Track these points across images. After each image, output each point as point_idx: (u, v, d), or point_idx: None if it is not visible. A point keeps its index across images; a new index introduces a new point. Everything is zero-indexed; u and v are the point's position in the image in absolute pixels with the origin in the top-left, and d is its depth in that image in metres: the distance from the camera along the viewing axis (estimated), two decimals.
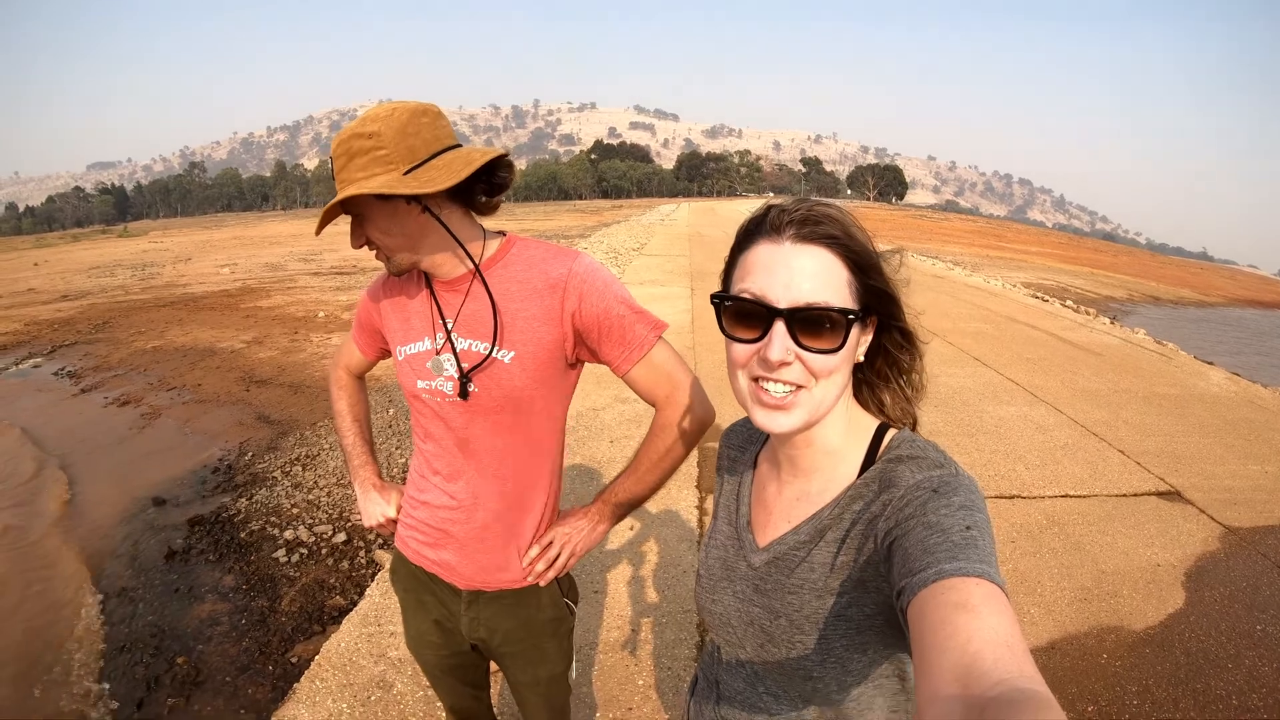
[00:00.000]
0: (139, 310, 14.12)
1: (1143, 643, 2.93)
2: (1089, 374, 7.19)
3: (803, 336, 0.77)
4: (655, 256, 17.73)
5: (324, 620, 3.76)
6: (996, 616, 0.58)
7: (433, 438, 1.40)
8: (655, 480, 1.42)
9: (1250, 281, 54.58)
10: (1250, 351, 18.14)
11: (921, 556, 0.67)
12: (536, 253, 1.34)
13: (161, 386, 8.60)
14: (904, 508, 0.75)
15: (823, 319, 0.76)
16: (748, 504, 0.99)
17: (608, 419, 5.18)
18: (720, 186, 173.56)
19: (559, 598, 1.49)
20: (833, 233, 0.77)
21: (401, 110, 1.19)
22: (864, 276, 0.79)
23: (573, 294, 1.28)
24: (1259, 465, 4.86)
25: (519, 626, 1.45)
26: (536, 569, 1.41)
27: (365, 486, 1.59)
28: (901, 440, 0.85)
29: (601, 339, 1.31)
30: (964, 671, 0.54)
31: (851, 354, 0.81)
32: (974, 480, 0.77)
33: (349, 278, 18.06)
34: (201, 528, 4.90)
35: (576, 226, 36.84)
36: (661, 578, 3.26)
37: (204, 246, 35.63)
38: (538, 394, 1.34)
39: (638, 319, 1.32)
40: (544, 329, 1.29)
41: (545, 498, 1.44)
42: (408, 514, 1.50)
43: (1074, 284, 26.44)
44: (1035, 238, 63.03)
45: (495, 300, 1.30)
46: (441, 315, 1.33)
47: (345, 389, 1.66)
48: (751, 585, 0.92)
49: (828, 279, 0.77)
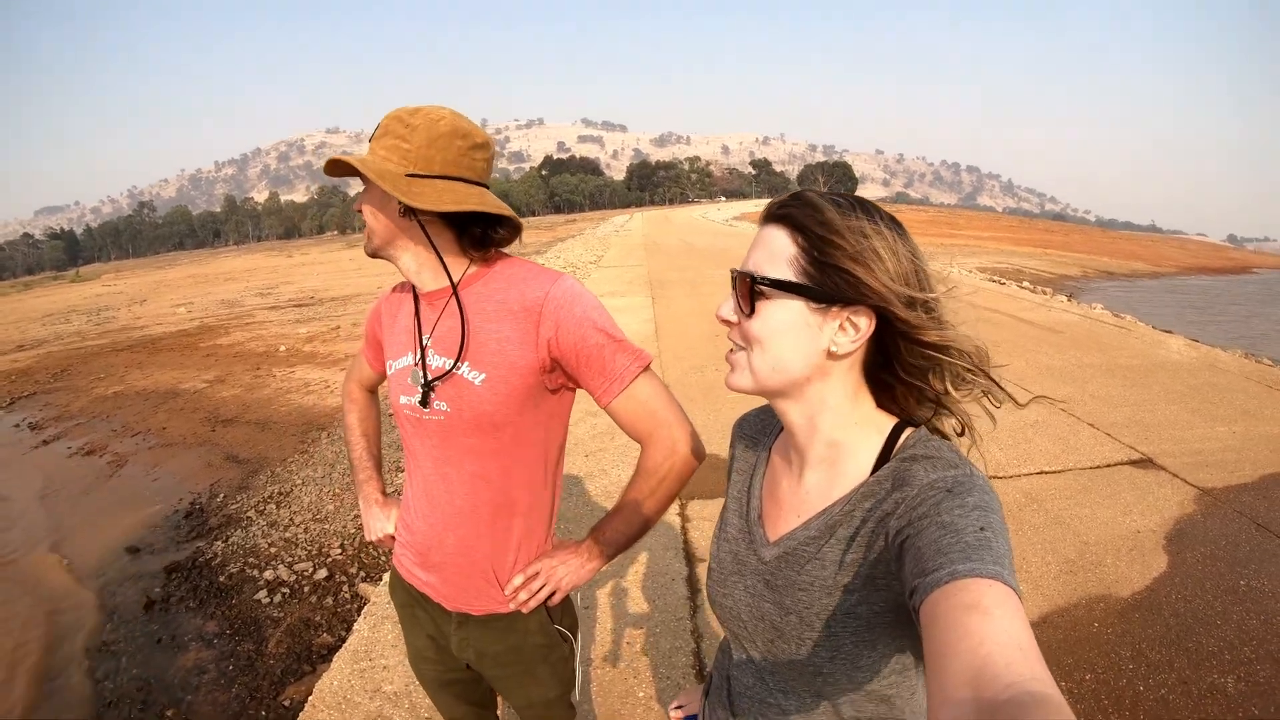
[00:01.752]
0: (97, 356, 13.79)
1: (1131, 608, 2.98)
2: (1051, 352, 7.33)
3: (739, 300, 0.85)
4: (613, 268, 17.76)
5: (313, 659, 3.68)
6: (1009, 619, 0.58)
7: (414, 456, 1.39)
8: (643, 521, 1.35)
9: (1200, 249, 56.22)
10: (1205, 318, 18.70)
11: (934, 557, 0.67)
12: (519, 271, 1.30)
13: (126, 432, 8.40)
14: (917, 507, 0.74)
15: (744, 285, 0.83)
16: (759, 497, 0.98)
17: (580, 433, 5.16)
18: (672, 194, 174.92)
19: (548, 625, 1.43)
20: (788, 211, 0.82)
21: (449, 123, 1.22)
22: (816, 254, 0.79)
23: (549, 320, 1.23)
24: (1226, 426, 4.99)
25: (507, 650, 1.42)
26: (519, 598, 1.36)
27: (368, 501, 1.58)
28: (917, 439, 0.84)
29: (580, 369, 1.26)
30: (975, 674, 0.54)
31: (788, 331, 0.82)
32: (989, 482, 0.77)
33: (307, 309, 17.82)
34: (179, 574, 4.78)
35: (531, 243, 36.78)
36: (651, 587, 3.24)
37: (158, 287, 34.91)
38: (513, 418, 1.28)
39: (618, 350, 1.26)
40: (517, 352, 1.24)
41: (535, 525, 1.39)
42: (401, 532, 1.49)
43: (1029, 265, 27.02)
44: (987, 223, 64.33)
45: (468, 318, 1.27)
46: (419, 330, 1.33)
47: (355, 403, 1.67)
48: (762, 580, 0.92)
49: (772, 253, 0.82)
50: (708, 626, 2.93)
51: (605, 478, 4.42)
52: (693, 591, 3.18)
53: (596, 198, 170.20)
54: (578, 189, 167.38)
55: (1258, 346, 11.19)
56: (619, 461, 4.63)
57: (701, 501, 4.01)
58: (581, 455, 4.80)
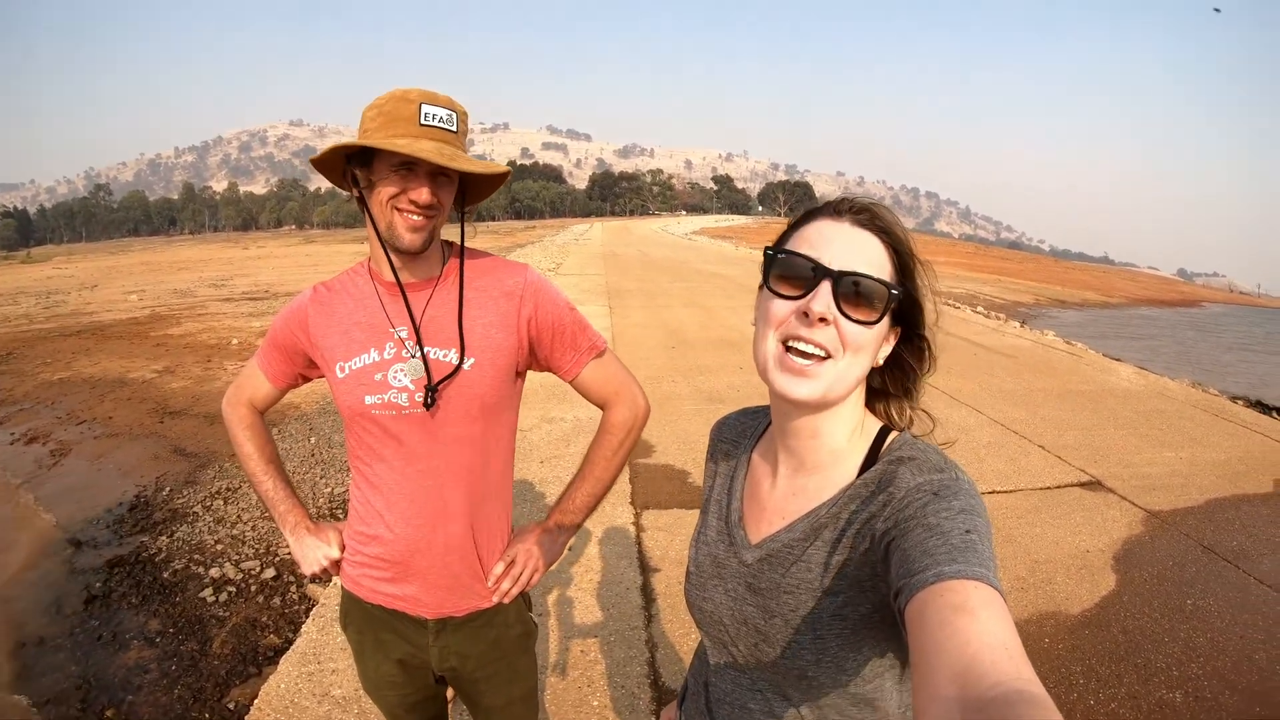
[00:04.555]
0: (44, 340, 13.30)
1: (1081, 625, 3.05)
2: (1005, 375, 7.51)
3: (845, 303, 0.79)
4: (571, 276, 17.83)
5: (259, 661, 3.57)
6: (994, 619, 0.59)
7: (382, 459, 1.32)
8: (610, 478, 1.46)
9: (1150, 282, 58.12)
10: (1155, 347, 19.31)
11: (921, 558, 0.67)
12: (486, 263, 1.36)
13: (70, 420, 8.09)
14: (903, 509, 0.75)
15: (866, 289, 0.79)
16: (740, 500, 0.98)
17: (536, 439, 5.13)
18: (633, 205, 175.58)
19: (524, 612, 1.46)
20: (887, 227, 0.83)
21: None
22: (902, 277, 0.83)
23: (529, 301, 1.32)
24: (1173, 451, 5.16)
25: (490, 648, 1.41)
26: (502, 587, 1.36)
27: (298, 532, 1.44)
28: (903, 442, 0.85)
29: (554, 344, 1.36)
30: (962, 673, 0.55)
31: (879, 340, 0.83)
32: (974, 485, 0.78)
33: (261, 303, 17.45)
34: (122, 569, 4.60)
35: (491, 248, 36.11)
36: (605, 596, 3.22)
37: (110, 273, 33.85)
38: (496, 401, 1.32)
39: (584, 327, 1.40)
40: (500, 335, 1.30)
41: (504, 512, 1.41)
42: (356, 551, 1.39)
43: (983, 291, 27.65)
44: (944, 248, 65.74)
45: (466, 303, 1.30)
46: (405, 322, 1.28)
47: (251, 428, 1.49)
48: (744, 583, 0.91)
49: (877, 261, 0.81)
50: (662, 636, 2.91)
51: (561, 484, 4.35)
52: (647, 600, 3.16)
53: (558, 205, 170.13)
54: (539, 196, 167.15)
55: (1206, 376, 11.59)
56: (575, 468, 4.59)
57: (657, 511, 4.01)
58: (537, 461, 4.75)
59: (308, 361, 1.39)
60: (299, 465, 5.92)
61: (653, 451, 4.91)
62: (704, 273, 19.95)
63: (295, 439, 6.61)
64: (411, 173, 1.18)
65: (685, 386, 6.76)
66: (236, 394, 1.50)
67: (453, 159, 1.15)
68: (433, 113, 1.17)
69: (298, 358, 1.40)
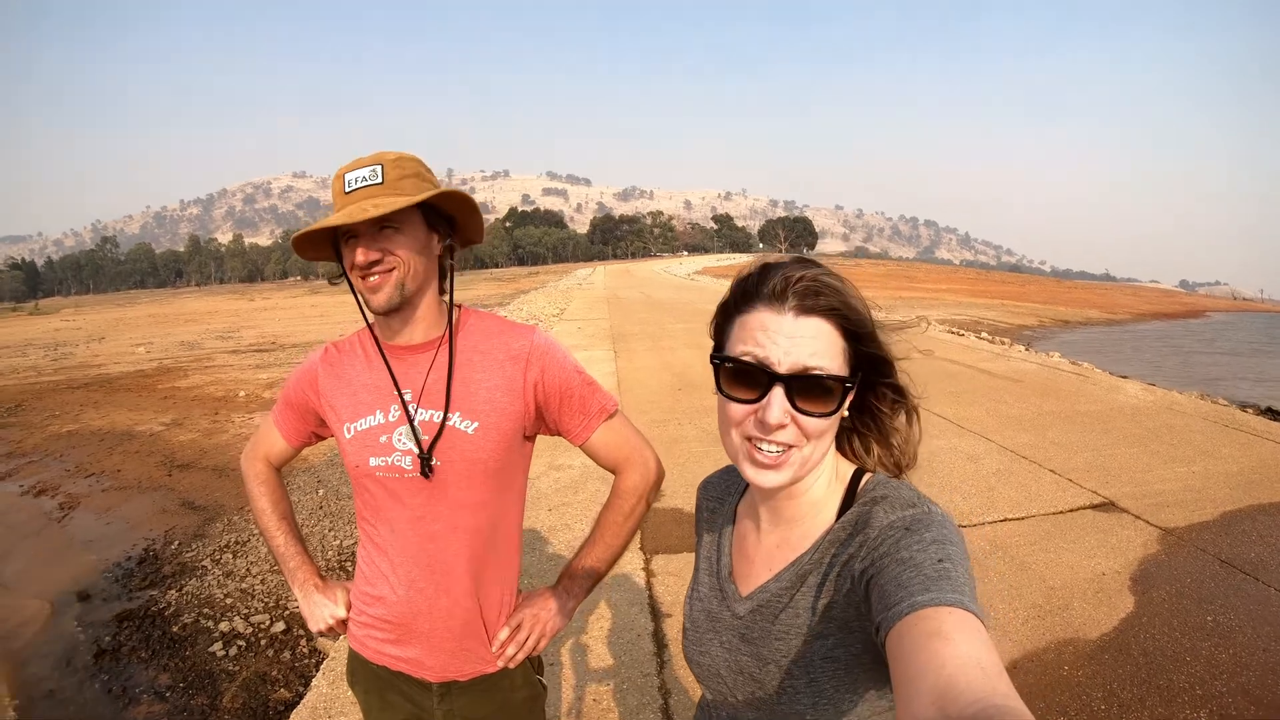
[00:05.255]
0: (52, 392, 13.42)
1: (1101, 650, 3.00)
2: (1012, 401, 7.47)
3: (800, 400, 0.79)
4: (576, 321, 17.92)
5: (270, 716, 3.54)
6: (969, 642, 0.60)
7: (386, 521, 1.32)
8: (622, 544, 1.42)
9: (1153, 295, 58.13)
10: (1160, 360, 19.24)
11: (896, 591, 0.69)
12: (492, 324, 1.37)
13: (79, 473, 8.13)
14: (878, 547, 0.77)
15: (820, 385, 0.79)
16: (729, 554, 1.00)
17: (544, 487, 5.11)
18: (635, 247, 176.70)
19: (531, 675, 1.44)
20: (833, 305, 0.80)
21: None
22: (858, 344, 0.83)
23: (535, 365, 1.31)
24: (1185, 466, 5.12)
25: (496, 712, 1.39)
26: (508, 652, 1.35)
27: (307, 589, 1.44)
28: (876, 483, 0.87)
29: (562, 408, 1.34)
30: (940, 695, 0.56)
31: (839, 416, 0.84)
32: (948, 516, 0.79)
33: (268, 354, 17.56)
34: (131, 623, 4.59)
35: (495, 295, 36.82)
36: (616, 643, 3.18)
37: (118, 325, 34.19)
38: (502, 465, 1.32)
39: (594, 390, 1.38)
40: (505, 399, 1.30)
41: (511, 575, 1.40)
42: (361, 611, 1.39)
43: (987, 316, 27.71)
44: (945, 276, 65.96)
45: (456, 369, 1.29)
46: (398, 385, 1.29)
47: (266, 483, 1.51)
48: (737, 634, 0.92)
49: (826, 348, 0.80)
50: (675, 682, 2.88)
51: (569, 532, 4.34)
52: (659, 647, 3.12)
53: (560, 250, 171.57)
54: (541, 241, 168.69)
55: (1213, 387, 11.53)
56: (582, 516, 4.56)
57: (666, 556, 3.97)
58: (545, 509, 4.72)
59: (319, 420, 1.40)
60: (307, 518, 5.92)
61: (662, 496, 4.86)
62: (707, 312, 19.72)
63: (304, 491, 6.62)
64: (353, 239, 1.22)
65: (692, 429, 6.72)
66: (254, 449, 1.52)
67: (359, 213, 1.15)
68: (354, 176, 1.20)
69: (310, 416, 1.41)
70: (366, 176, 1.20)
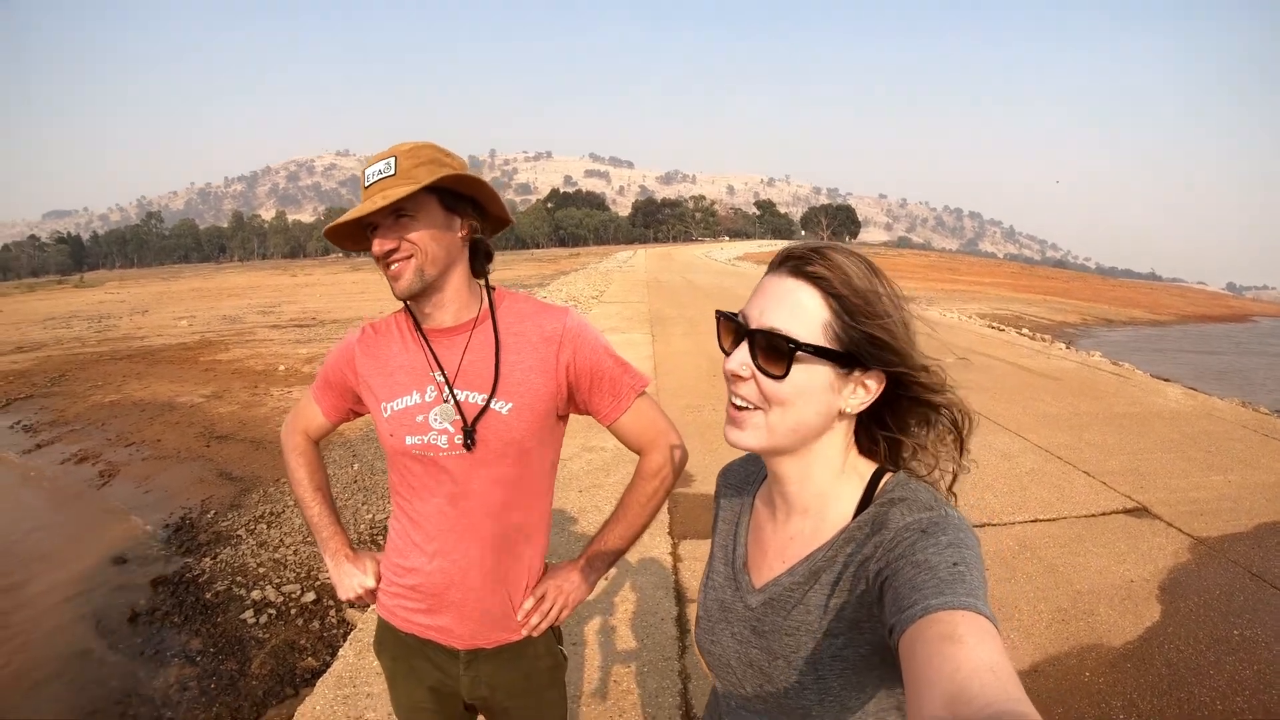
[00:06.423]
0: (96, 363, 13.80)
1: (1123, 658, 2.95)
2: (1049, 399, 7.33)
3: (762, 358, 0.81)
4: (614, 304, 17.85)
5: (296, 683, 3.64)
6: (982, 646, 0.60)
7: (422, 496, 1.36)
8: (643, 524, 1.46)
9: (1199, 298, 56.55)
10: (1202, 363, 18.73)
11: (910, 594, 0.69)
12: (526, 306, 1.40)
13: (120, 442, 8.37)
14: (894, 549, 0.77)
15: (776, 344, 0.80)
16: (744, 544, 1.00)
17: (576, 468, 5.15)
18: (676, 231, 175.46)
19: (554, 645, 1.49)
20: (820, 273, 0.80)
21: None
22: (849, 319, 0.80)
23: (567, 347, 1.35)
24: (1221, 475, 4.99)
25: (520, 679, 1.44)
26: (531, 621, 1.40)
27: (338, 558, 1.50)
28: (896, 484, 0.86)
29: (593, 389, 1.38)
30: (952, 699, 0.56)
31: (810, 392, 0.82)
32: (965, 520, 0.79)
33: (309, 330, 17.86)
34: (165, 588, 4.74)
35: (535, 275, 36.95)
36: (640, 626, 3.21)
37: (161, 298, 35.03)
38: (535, 444, 1.36)
39: (624, 371, 1.41)
40: (539, 379, 1.33)
41: (539, 549, 1.44)
42: (392, 581, 1.44)
43: (1029, 312, 27.15)
44: (988, 269, 64.75)
45: (502, 348, 1.33)
46: (441, 366, 1.33)
47: (304, 455, 1.56)
48: (749, 626, 0.93)
49: (801, 314, 0.80)
50: (695, 667, 2.90)
51: (598, 514, 4.37)
52: (682, 632, 3.15)
53: (601, 232, 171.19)
54: (583, 223, 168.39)
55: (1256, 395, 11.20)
56: (612, 499, 4.58)
57: (694, 541, 3.99)
58: (576, 490, 4.77)
59: (356, 398, 1.45)
60: (342, 491, 6.03)
61: (692, 481, 4.87)
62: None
63: (339, 465, 6.74)
64: (374, 230, 1.27)
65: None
66: (294, 422, 1.57)
67: (369, 205, 1.21)
68: (372, 171, 1.25)
69: (347, 394, 1.46)
70: (381, 169, 1.24)
